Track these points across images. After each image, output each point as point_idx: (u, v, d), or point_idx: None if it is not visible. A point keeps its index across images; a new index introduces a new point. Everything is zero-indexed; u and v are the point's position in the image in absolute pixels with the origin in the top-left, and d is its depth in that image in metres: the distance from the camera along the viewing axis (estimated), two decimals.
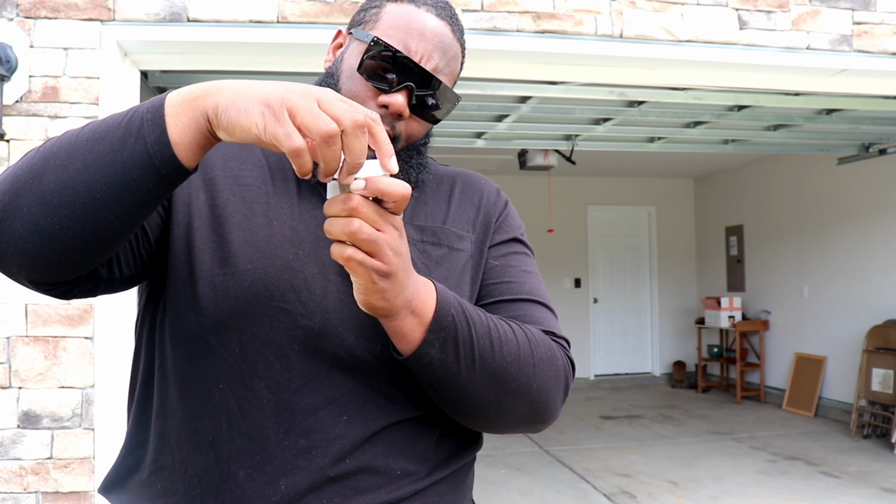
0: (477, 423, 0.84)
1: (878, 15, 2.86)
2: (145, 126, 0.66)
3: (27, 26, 2.29)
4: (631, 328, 8.74)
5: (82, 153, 0.67)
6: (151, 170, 0.66)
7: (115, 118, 0.69)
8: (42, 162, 0.67)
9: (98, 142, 0.67)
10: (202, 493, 0.78)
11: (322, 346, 0.79)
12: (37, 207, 0.66)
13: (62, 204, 0.66)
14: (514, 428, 0.85)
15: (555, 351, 0.85)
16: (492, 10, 2.54)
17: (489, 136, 4.88)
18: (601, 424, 6.35)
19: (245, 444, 0.77)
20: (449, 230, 0.91)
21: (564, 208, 8.33)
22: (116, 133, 0.67)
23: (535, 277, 0.94)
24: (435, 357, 0.75)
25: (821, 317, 6.67)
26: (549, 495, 4.31)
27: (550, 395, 0.83)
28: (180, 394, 0.81)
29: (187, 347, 0.80)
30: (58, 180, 0.66)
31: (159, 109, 0.67)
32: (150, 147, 0.66)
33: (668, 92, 3.71)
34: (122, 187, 0.66)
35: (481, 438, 0.93)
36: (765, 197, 7.52)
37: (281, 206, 0.86)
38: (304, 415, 0.78)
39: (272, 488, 0.76)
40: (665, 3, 2.70)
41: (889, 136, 5.27)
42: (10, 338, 2.24)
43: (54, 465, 2.24)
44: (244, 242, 0.82)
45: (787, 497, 4.22)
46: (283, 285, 0.80)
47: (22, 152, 2.26)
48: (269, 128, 0.61)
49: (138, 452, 0.85)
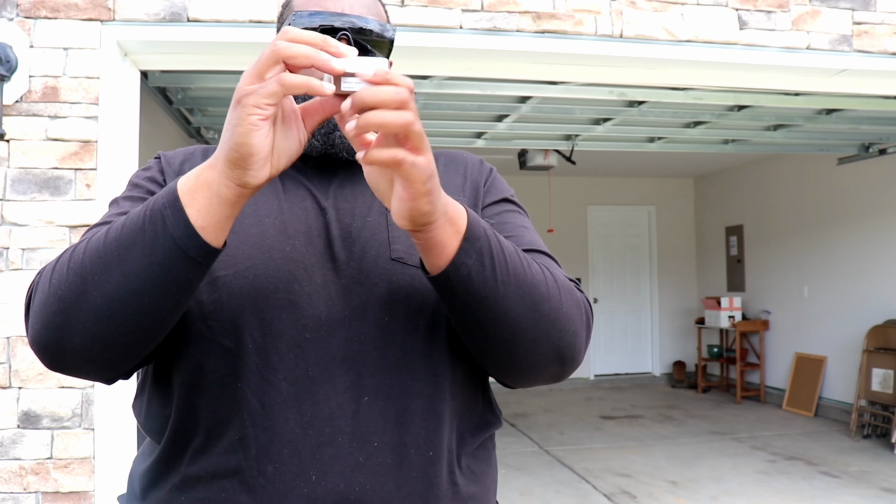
0: (510, 359, 0.80)
1: (878, 15, 2.86)
2: (168, 223, 0.68)
3: (27, 26, 2.29)
4: (631, 328, 8.74)
5: (117, 264, 0.69)
6: (187, 262, 0.68)
7: (135, 220, 0.70)
8: (80, 280, 0.70)
9: (128, 250, 0.69)
10: (234, 493, 0.78)
11: (332, 332, 0.80)
12: (91, 322, 0.70)
13: (114, 315, 0.69)
14: (545, 365, 0.82)
15: (571, 285, 0.84)
16: (492, 10, 2.54)
17: (489, 136, 4.88)
18: (601, 424, 6.35)
19: (271, 439, 0.77)
20: None
21: (564, 208, 8.33)
22: (143, 237, 0.68)
23: (532, 232, 0.93)
24: (473, 267, 0.72)
25: (821, 317, 6.67)
26: (549, 495, 4.31)
27: (577, 325, 0.82)
28: (202, 399, 0.81)
29: (201, 354, 0.80)
30: (102, 295, 0.69)
31: (176, 202, 0.68)
32: (181, 242, 0.67)
33: (668, 92, 3.71)
34: (166, 286, 0.69)
35: (500, 412, 0.94)
36: (765, 197, 7.52)
37: (269, 203, 0.86)
38: (325, 402, 0.78)
39: (303, 479, 0.77)
40: (665, 3, 2.70)
41: (889, 136, 5.27)
42: (10, 338, 2.24)
43: (54, 465, 2.24)
44: (240, 242, 0.82)
45: (787, 497, 4.22)
46: (285, 276, 0.81)
47: (22, 152, 2.26)
48: (254, 99, 0.62)
49: (165, 462, 0.84)
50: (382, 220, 0.87)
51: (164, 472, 0.84)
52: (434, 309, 0.84)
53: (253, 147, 0.64)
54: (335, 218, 0.86)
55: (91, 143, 2.29)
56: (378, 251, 0.84)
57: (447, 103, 4.05)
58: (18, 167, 2.26)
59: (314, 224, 0.85)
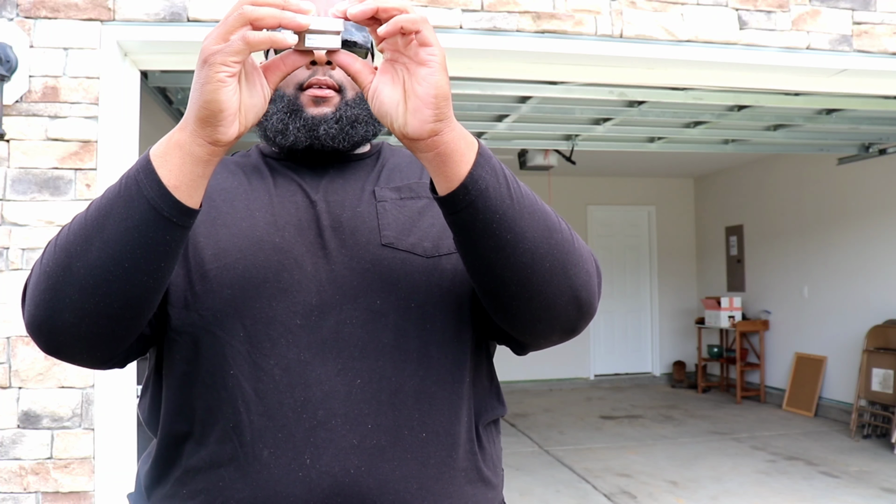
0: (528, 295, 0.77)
1: (878, 15, 2.86)
2: (142, 186, 0.69)
3: (27, 26, 2.29)
4: (631, 328, 8.74)
5: (97, 233, 0.71)
6: (162, 222, 0.70)
7: (112, 190, 0.72)
8: (65, 254, 0.72)
9: (106, 218, 0.70)
10: (231, 480, 0.79)
11: (323, 317, 0.81)
12: (77, 294, 0.71)
13: (98, 284, 0.71)
14: (563, 306, 0.79)
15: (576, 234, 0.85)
16: (492, 10, 2.54)
17: (489, 136, 4.88)
18: (601, 424, 6.35)
19: (265, 425, 0.78)
20: (424, 184, 0.92)
21: (564, 208, 8.33)
22: (119, 204, 0.70)
23: None
24: (490, 182, 0.73)
25: (821, 317, 6.67)
26: (549, 495, 4.31)
27: (589, 266, 0.82)
28: (195, 390, 0.82)
29: (193, 343, 0.82)
30: (85, 265, 0.70)
31: (148, 165, 0.70)
32: (154, 203, 0.69)
33: (668, 92, 3.71)
34: (144, 249, 0.70)
35: (502, 397, 0.94)
36: (765, 197, 7.52)
37: (260, 198, 0.88)
38: (318, 386, 0.78)
39: (297, 464, 0.77)
40: (665, 3, 2.70)
41: (889, 136, 5.27)
42: (10, 338, 2.25)
43: (54, 465, 2.24)
44: (231, 235, 0.84)
45: (787, 497, 4.22)
46: (274, 266, 0.82)
47: (22, 152, 2.26)
48: (220, 57, 0.65)
49: (165, 458, 0.86)
50: (372, 210, 0.88)
51: (166, 467, 0.85)
52: (426, 291, 0.84)
53: (222, 103, 0.67)
54: (325, 210, 0.87)
55: (91, 143, 2.29)
56: (368, 237, 0.85)
57: None
58: (18, 167, 2.26)
59: (304, 216, 0.86)
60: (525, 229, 0.75)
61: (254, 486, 0.78)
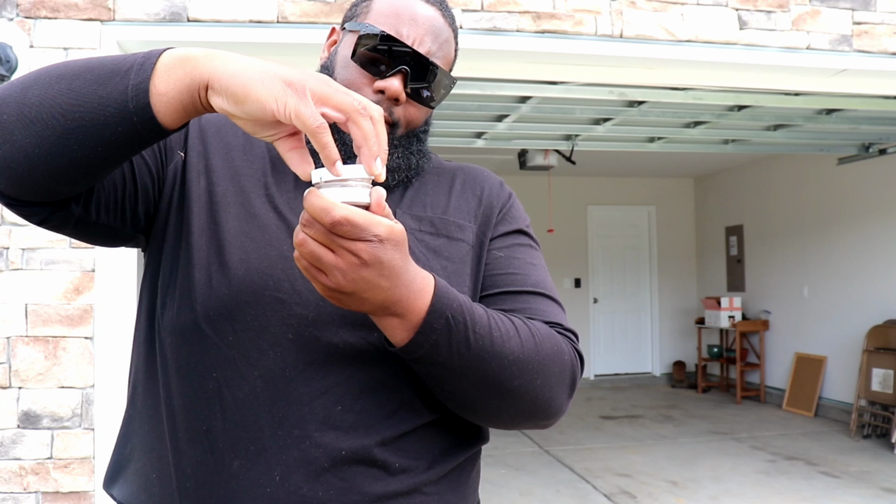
0: (477, 418, 0.83)
1: (878, 15, 2.86)
2: (133, 69, 0.66)
3: (27, 26, 2.29)
4: (631, 328, 8.74)
5: (69, 78, 0.67)
6: (125, 112, 0.66)
7: (115, 56, 0.69)
8: (34, 78, 0.69)
9: (87, 72, 0.68)
10: (196, 485, 0.77)
11: (317, 335, 0.79)
12: (14, 117, 0.67)
13: (35, 119, 0.67)
14: (518, 424, 0.83)
15: (561, 346, 0.83)
16: (492, 10, 2.54)
17: (489, 136, 4.88)
18: (601, 424, 6.35)
19: (239, 434, 0.77)
20: (448, 220, 0.90)
21: (564, 208, 8.33)
22: (105, 69, 0.67)
23: (540, 270, 0.92)
24: (424, 356, 0.73)
25: (821, 317, 6.67)
26: (549, 495, 4.31)
27: (555, 391, 0.81)
28: (174, 382, 0.80)
29: (182, 334, 0.80)
30: (39, 96, 0.67)
31: (153, 58, 0.67)
32: (130, 90, 0.66)
33: (668, 92, 3.71)
34: (93, 121, 0.66)
35: (486, 432, 0.91)
36: (765, 197, 7.52)
37: (278, 197, 0.86)
38: (299, 405, 0.77)
39: (267, 479, 0.76)
40: (665, 3, 2.70)
41: (889, 136, 5.27)
42: (10, 338, 2.24)
43: (54, 465, 2.24)
44: (239, 232, 0.82)
45: (787, 497, 4.22)
46: (277, 275, 0.80)
47: None
48: (291, 104, 0.61)
49: (133, 440, 0.85)
50: None
51: (132, 452, 0.85)
52: None
53: (253, 113, 0.63)
54: None
55: None
56: None
57: (447, 103, 4.04)
58: None
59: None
60: (466, 388, 0.77)
61: (219, 495, 0.76)
